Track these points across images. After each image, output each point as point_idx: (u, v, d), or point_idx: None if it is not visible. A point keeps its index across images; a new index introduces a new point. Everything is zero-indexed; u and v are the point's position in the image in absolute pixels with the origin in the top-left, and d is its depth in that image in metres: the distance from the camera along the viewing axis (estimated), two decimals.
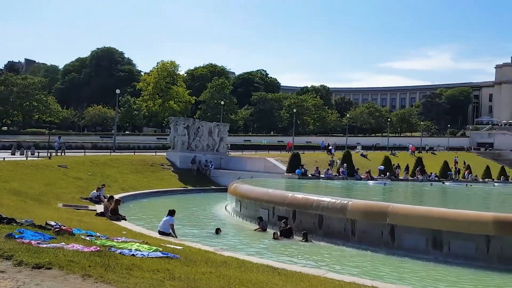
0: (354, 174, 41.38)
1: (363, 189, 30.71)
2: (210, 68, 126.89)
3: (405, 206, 16.18)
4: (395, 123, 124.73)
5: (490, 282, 11.76)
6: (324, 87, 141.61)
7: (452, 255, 13.77)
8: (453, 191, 35.68)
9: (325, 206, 16.75)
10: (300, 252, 14.25)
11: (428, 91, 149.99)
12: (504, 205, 25.30)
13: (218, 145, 45.88)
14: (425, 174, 49.48)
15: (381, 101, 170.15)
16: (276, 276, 8.63)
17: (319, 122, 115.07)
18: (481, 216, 14.21)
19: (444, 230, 14.12)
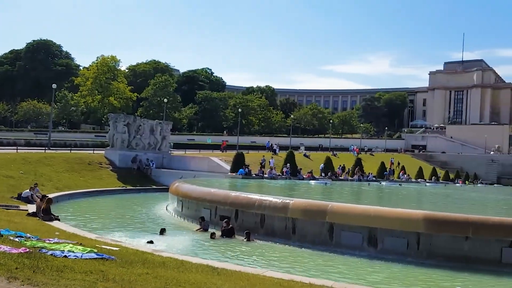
0: (297, 174, 42.22)
1: (305, 189, 31.36)
2: (153, 64, 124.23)
3: (343, 204, 16.70)
4: (337, 125, 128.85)
5: (420, 276, 12.37)
6: (269, 87, 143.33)
7: (385, 252, 14.37)
8: (388, 191, 37.34)
9: (267, 205, 16.90)
10: (242, 252, 14.27)
11: (368, 95, 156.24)
12: (434, 204, 26.81)
13: (160, 144, 44.98)
14: (363, 174, 51.49)
15: (324, 103, 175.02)
16: (216, 275, 8.58)
17: (264, 122, 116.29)
18: (412, 214, 14.97)
19: (378, 228, 14.72)
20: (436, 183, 63.21)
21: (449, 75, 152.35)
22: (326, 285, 8.81)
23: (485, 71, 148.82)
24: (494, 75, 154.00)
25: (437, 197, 33.36)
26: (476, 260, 13.69)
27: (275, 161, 47.83)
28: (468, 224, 14.15)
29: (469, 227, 14.02)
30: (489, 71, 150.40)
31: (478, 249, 13.87)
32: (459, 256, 13.84)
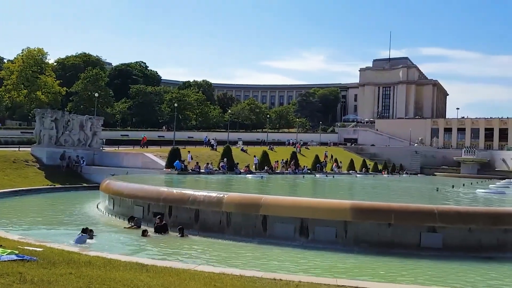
0: (234, 169, 42.45)
1: (242, 183, 31.65)
2: (84, 57, 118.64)
3: (276, 197, 17.10)
4: (274, 120, 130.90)
5: (348, 263, 12.95)
6: (206, 82, 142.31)
7: (316, 241, 14.92)
8: (322, 182, 38.70)
9: (201, 200, 16.87)
10: (175, 248, 14.16)
11: (303, 90, 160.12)
12: (362, 194, 28.19)
13: (90, 140, 43.18)
14: (299, 168, 52.87)
15: (262, 98, 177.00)
16: (144, 272, 8.46)
17: (201, 117, 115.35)
18: (340, 204, 15.66)
19: (309, 218, 15.24)
20: (365, 174, 66.46)
21: (377, 72, 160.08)
22: (256, 275, 8.99)
23: (410, 68, 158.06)
24: (418, 72, 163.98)
25: (366, 187, 35.10)
26: (398, 245, 14.61)
27: (213, 156, 47.75)
28: (391, 211, 15.06)
29: (391, 215, 14.93)
30: (413, 68, 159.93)
31: (400, 235, 14.81)
32: (383, 242, 14.70)
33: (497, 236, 15.08)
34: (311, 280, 8.86)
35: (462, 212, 15.83)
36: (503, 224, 15.20)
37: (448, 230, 14.81)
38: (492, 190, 33.53)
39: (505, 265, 13.58)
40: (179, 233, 15.71)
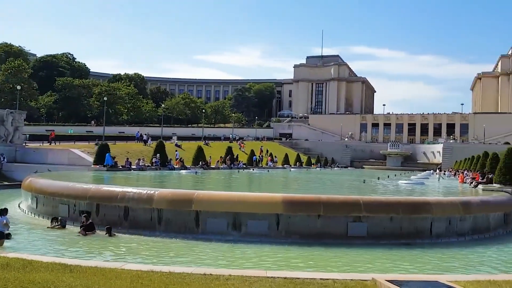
0: (167, 164, 41.63)
1: (175, 179, 31.13)
2: (5, 47, 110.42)
3: (209, 192, 17.02)
4: (210, 115, 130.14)
5: (280, 255, 13.19)
6: (138, 75, 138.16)
7: (249, 235, 15.07)
8: (257, 177, 39.09)
9: (131, 197, 16.38)
10: (102, 247, 13.63)
11: (239, 85, 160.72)
12: (295, 187, 28.86)
13: (12, 135, 40.32)
14: (234, 162, 53.00)
15: (197, 92, 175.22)
16: (68, 273, 8.07)
17: (133, 111, 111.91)
18: (272, 197, 15.93)
19: (242, 212, 15.35)
20: (299, 168, 68.18)
21: (311, 69, 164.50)
22: (186, 271, 8.90)
23: (341, 66, 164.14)
24: (348, 69, 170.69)
25: (299, 181, 35.99)
26: (327, 235, 15.17)
27: (146, 152, 46.50)
28: (320, 203, 15.58)
29: (320, 206, 15.45)
30: (344, 66, 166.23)
31: (329, 225, 15.38)
32: (313, 233, 15.19)
33: (415, 223, 16.15)
34: (241, 273, 8.92)
35: (384, 202, 16.78)
36: (421, 212, 16.30)
37: (372, 219, 15.61)
38: (413, 181, 35.83)
39: (422, 249, 14.57)
40: (106, 232, 15.14)
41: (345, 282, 8.27)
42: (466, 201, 18.20)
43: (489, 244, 16.29)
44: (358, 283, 8.25)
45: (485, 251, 15.14)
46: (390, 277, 8.47)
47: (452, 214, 16.92)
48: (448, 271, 11.87)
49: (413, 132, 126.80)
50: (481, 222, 18.02)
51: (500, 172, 24.52)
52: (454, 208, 17.12)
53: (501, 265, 13.31)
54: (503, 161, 24.88)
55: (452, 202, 17.89)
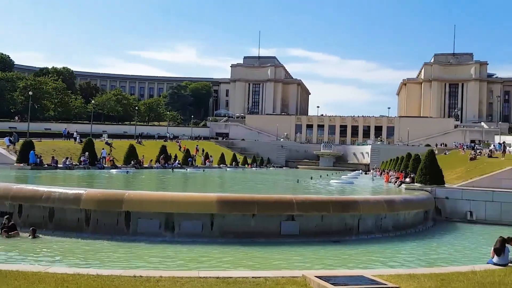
0: (96, 163, 39.99)
1: (104, 178, 29.97)
2: None
3: (140, 192, 16.58)
4: (143, 112, 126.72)
5: (214, 255, 13.14)
6: (67, 69, 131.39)
7: (182, 235, 14.87)
8: (192, 176, 38.70)
9: (57, 197, 15.54)
10: (25, 250, 12.80)
11: (175, 83, 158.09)
12: (230, 187, 28.94)
13: None
14: (168, 162, 52.04)
15: (130, 89, 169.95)
16: None
17: (61, 107, 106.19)
18: (207, 197, 15.86)
19: (175, 213, 15.12)
20: (235, 168, 68.47)
21: (248, 69, 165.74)
22: (114, 274, 8.61)
23: (277, 67, 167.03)
24: (285, 71, 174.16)
25: (234, 180, 36.15)
26: (261, 234, 15.36)
27: (74, 150, 44.28)
28: (254, 202, 15.76)
29: (255, 206, 15.62)
30: (281, 68, 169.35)
31: (263, 224, 15.59)
32: (247, 232, 15.31)
33: (344, 221, 16.85)
34: (172, 274, 8.79)
35: (316, 201, 17.34)
36: (350, 210, 17.03)
37: (305, 218, 16.06)
38: (344, 181, 37.42)
39: (350, 246, 15.23)
40: (30, 234, 14.24)
41: (276, 280, 8.43)
42: (390, 200, 19.28)
43: (410, 239, 17.40)
44: (289, 280, 8.45)
45: (407, 246, 16.15)
46: (319, 273, 8.77)
47: (378, 211, 17.86)
48: (373, 266, 12.51)
49: (345, 133, 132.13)
50: (403, 219, 19.20)
51: (421, 172, 26.22)
52: (379, 206, 18.08)
53: (420, 259, 14.27)
54: (424, 162, 26.64)
55: (377, 200, 18.88)
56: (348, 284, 7.89)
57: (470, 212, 23.44)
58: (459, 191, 24.66)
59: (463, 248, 16.43)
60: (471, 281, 8.62)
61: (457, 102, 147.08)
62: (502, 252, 10.98)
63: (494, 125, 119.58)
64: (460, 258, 14.29)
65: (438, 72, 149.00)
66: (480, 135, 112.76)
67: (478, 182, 26.75)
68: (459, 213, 23.73)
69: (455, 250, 15.99)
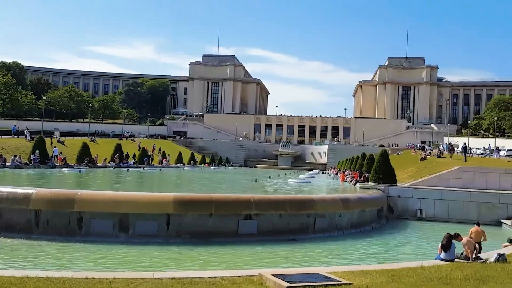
0: (47, 162, 38.42)
1: (56, 178, 28.85)
2: None
3: (93, 192, 16.08)
4: (98, 109, 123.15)
5: (170, 256, 12.93)
6: (17, 64, 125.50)
7: (137, 236, 14.55)
8: (148, 176, 37.98)
9: (4, 197, 14.82)
10: None
11: (131, 80, 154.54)
12: (188, 186, 28.65)
13: None
14: (123, 161, 50.81)
15: (84, 85, 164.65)
16: None
17: (10, 103, 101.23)
18: (163, 197, 15.60)
19: (130, 213, 14.77)
20: (193, 167, 67.84)
21: (207, 67, 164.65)
22: (65, 276, 8.30)
23: (237, 67, 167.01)
24: (244, 70, 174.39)
25: (192, 180, 35.82)
26: (218, 234, 15.30)
27: (23, 148, 42.30)
28: (212, 202, 15.67)
29: (212, 205, 15.53)
30: (240, 67, 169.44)
31: (220, 224, 15.53)
32: (204, 232, 15.20)
33: (301, 220, 17.08)
34: (126, 275, 8.58)
35: (274, 200, 17.48)
36: (306, 209, 17.29)
37: (262, 217, 16.15)
38: (301, 180, 37.97)
39: (306, 244, 15.47)
40: None
41: (233, 279, 8.42)
42: (345, 198, 19.74)
43: (364, 237, 17.89)
44: (245, 279, 8.46)
45: (361, 243, 16.60)
46: (276, 271, 8.84)
47: (334, 210, 18.24)
48: (328, 263, 12.76)
49: (303, 133, 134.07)
50: (358, 217, 19.71)
51: (374, 171, 27.03)
52: (335, 204, 18.47)
53: (373, 256, 14.70)
54: (377, 162, 27.49)
55: (333, 199, 19.28)
56: (303, 281, 8.00)
57: (420, 210, 24.40)
58: (410, 190, 25.60)
59: (413, 245, 17.08)
60: (420, 276, 8.96)
61: (410, 104, 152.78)
62: (449, 248, 11.49)
63: (443, 127, 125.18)
64: (410, 254, 14.85)
65: (392, 75, 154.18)
66: (430, 136, 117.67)
67: (428, 181, 27.85)
68: (410, 211, 24.65)
69: (406, 247, 16.61)
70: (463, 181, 26.81)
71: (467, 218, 22.02)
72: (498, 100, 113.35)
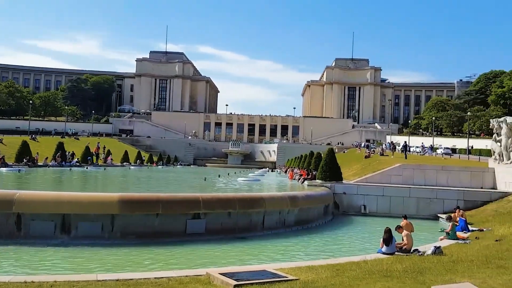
0: None
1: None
2: None
3: (33, 192, 15.32)
4: (39, 106, 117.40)
5: (114, 257, 12.55)
6: None
7: (80, 237, 14.01)
8: (92, 175, 36.67)
9: None
10: None
11: (74, 76, 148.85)
12: (134, 186, 27.94)
13: None
14: (66, 160, 48.76)
15: (24, 81, 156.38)
16: None
17: None
18: (107, 197, 15.13)
19: (72, 214, 14.21)
20: (140, 166, 66.28)
21: (154, 64, 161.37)
22: (2, 281, 7.90)
23: (186, 64, 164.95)
24: (193, 68, 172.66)
25: (139, 179, 34.99)
26: (165, 234, 15.04)
27: None
28: (159, 202, 15.38)
29: (159, 205, 15.25)
30: (189, 64, 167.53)
31: (167, 224, 15.27)
32: (151, 232, 14.89)
33: (250, 218, 17.19)
34: (68, 278, 8.26)
35: (223, 198, 17.45)
36: (255, 207, 17.41)
37: (211, 215, 16.07)
38: (250, 178, 38.17)
39: (255, 242, 15.59)
40: None
41: (180, 279, 8.32)
42: (293, 196, 20.08)
43: (311, 233, 18.30)
44: (193, 279, 8.39)
45: (308, 240, 16.97)
46: (223, 270, 8.84)
47: (282, 207, 18.51)
48: (276, 260, 12.93)
49: (253, 132, 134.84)
50: (305, 214, 20.12)
51: (322, 169, 27.68)
52: (283, 202, 18.74)
53: (320, 251, 15.07)
54: (324, 160, 28.17)
55: (282, 197, 19.55)
56: (250, 279, 8.05)
57: (364, 206, 25.30)
58: (355, 187, 26.47)
59: (357, 240, 17.70)
60: (363, 269, 9.31)
61: (355, 104, 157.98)
62: (390, 242, 12.02)
63: (386, 126, 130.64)
64: (355, 249, 15.37)
65: (339, 76, 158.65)
66: (374, 135, 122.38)
67: (372, 178, 28.90)
68: (354, 207, 25.49)
69: (351, 242, 17.18)
70: (404, 177, 28.08)
71: (407, 213, 23.07)
72: (436, 101, 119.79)
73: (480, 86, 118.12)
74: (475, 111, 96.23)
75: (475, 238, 15.18)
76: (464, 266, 9.49)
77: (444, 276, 8.47)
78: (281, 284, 7.81)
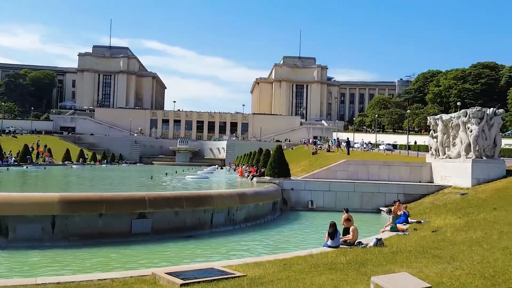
0: None
1: None
2: None
3: None
4: None
5: (55, 260, 12.01)
6: None
7: (18, 240, 13.31)
8: (32, 175, 34.90)
9: None
10: None
11: (12, 71, 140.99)
12: (76, 185, 26.90)
13: None
14: (3, 158, 46.06)
15: None
16: None
17: None
18: (47, 197, 14.45)
19: (9, 216, 13.46)
20: (83, 164, 63.82)
21: (98, 59, 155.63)
22: None
23: (131, 59, 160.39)
24: (139, 63, 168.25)
25: (81, 178, 33.70)
26: (109, 234, 14.59)
27: None
28: (102, 201, 14.89)
29: (103, 204, 14.76)
30: (134, 59, 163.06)
31: (111, 224, 14.82)
32: (94, 233, 14.39)
33: (198, 216, 17.05)
34: (5, 283, 7.80)
35: (169, 197, 17.16)
36: (204, 205, 17.30)
37: (157, 215, 15.77)
38: (199, 176, 37.87)
39: (203, 240, 15.50)
40: None
41: (124, 280, 8.11)
42: (242, 193, 20.15)
43: (260, 229, 18.47)
44: (138, 280, 8.21)
45: (256, 236, 17.10)
46: (169, 269, 8.71)
47: (231, 205, 18.51)
48: (225, 257, 12.93)
49: (202, 129, 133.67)
50: (254, 210, 20.25)
51: (270, 166, 27.98)
52: (232, 199, 18.75)
53: (268, 247, 15.24)
54: (273, 157, 28.50)
55: (230, 194, 19.56)
56: (198, 277, 7.99)
57: (311, 201, 25.87)
58: (302, 183, 26.99)
59: (304, 234, 18.08)
60: (309, 263, 9.52)
61: (303, 102, 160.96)
62: (335, 235, 12.37)
63: (333, 123, 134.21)
64: (302, 243, 15.68)
65: (287, 74, 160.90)
66: (321, 132, 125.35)
67: (318, 174, 29.59)
68: (302, 202, 25.99)
69: (298, 236, 17.52)
70: (349, 173, 28.99)
71: (352, 207, 23.80)
72: (379, 99, 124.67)
73: (419, 85, 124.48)
74: (414, 108, 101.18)
75: (413, 229, 15.95)
76: (403, 257, 9.96)
77: (384, 267, 8.84)
78: (229, 281, 7.81)
